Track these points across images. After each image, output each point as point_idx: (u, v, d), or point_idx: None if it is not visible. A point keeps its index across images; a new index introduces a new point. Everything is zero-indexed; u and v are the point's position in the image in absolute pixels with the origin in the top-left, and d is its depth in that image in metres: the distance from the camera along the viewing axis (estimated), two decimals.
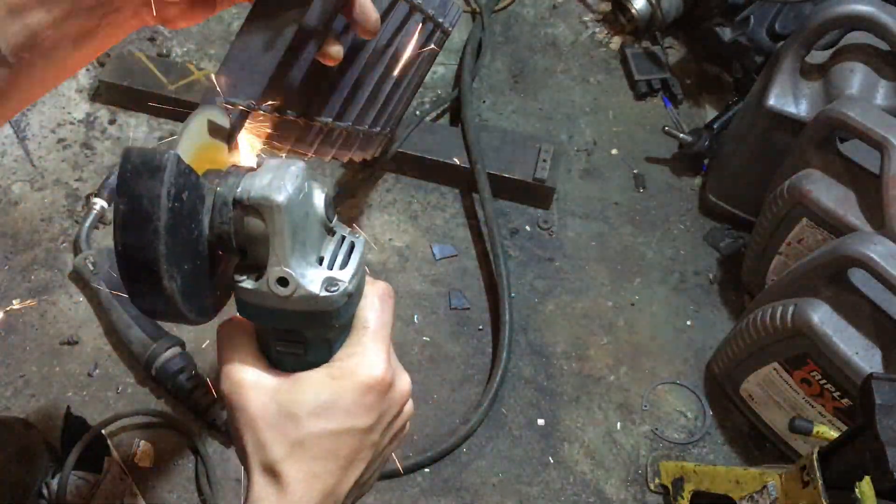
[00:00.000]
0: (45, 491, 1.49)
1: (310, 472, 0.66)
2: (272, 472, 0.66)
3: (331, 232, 0.68)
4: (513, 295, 1.82)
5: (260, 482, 0.66)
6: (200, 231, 0.62)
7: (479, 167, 1.90)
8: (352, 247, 0.69)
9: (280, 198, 0.61)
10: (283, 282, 0.63)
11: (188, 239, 0.60)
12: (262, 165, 0.65)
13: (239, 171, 0.65)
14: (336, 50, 0.90)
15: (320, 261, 0.66)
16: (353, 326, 0.72)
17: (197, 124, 0.71)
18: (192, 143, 0.69)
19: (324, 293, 0.64)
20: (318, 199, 0.66)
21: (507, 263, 1.83)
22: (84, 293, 1.80)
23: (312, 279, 0.65)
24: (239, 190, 0.62)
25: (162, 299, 0.60)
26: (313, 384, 0.67)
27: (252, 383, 0.68)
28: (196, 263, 0.62)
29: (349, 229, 0.70)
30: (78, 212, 1.91)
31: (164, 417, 1.63)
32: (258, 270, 0.65)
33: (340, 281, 0.65)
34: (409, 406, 0.77)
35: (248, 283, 0.65)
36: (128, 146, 0.61)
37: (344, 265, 0.67)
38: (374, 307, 0.71)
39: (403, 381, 0.74)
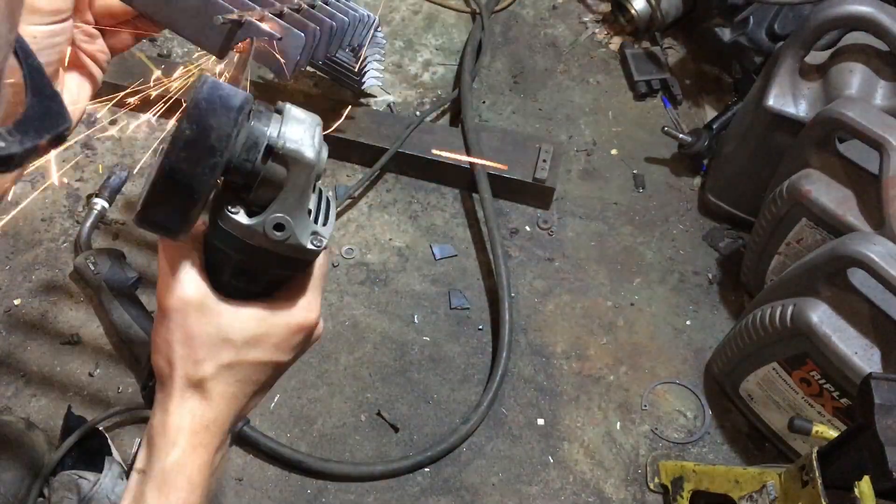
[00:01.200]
0: (45, 490, 1.49)
1: (232, 393, 0.72)
2: (199, 387, 0.71)
3: (315, 186, 0.72)
4: (513, 295, 1.82)
5: (183, 394, 0.71)
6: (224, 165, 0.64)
7: (478, 168, 1.90)
8: (328, 203, 0.73)
9: (311, 155, 0.65)
10: (280, 227, 0.66)
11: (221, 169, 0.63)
12: (284, 112, 0.67)
13: (269, 112, 0.67)
14: None
15: (308, 213, 0.70)
16: None
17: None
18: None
19: (310, 245, 0.69)
20: (324, 155, 0.69)
21: (507, 263, 1.83)
22: (85, 293, 1.80)
23: (303, 231, 0.68)
24: (271, 135, 0.64)
25: (179, 220, 0.63)
26: (253, 316, 0.72)
27: (198, 303, 0.70)
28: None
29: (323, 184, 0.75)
30: (79, 212, 1.91)
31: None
32: (253, 207, 0.67)
33: (322, 236, 0.70)
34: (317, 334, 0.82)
35: (241, 217, 0.67)
36: (204, 74, 0.62)
37: (325, 221, 0.71)
38: (320, 259, 0.76)
39: (322, 326, 0.80)
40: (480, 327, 1.82)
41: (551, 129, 2.16)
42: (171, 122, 0.62)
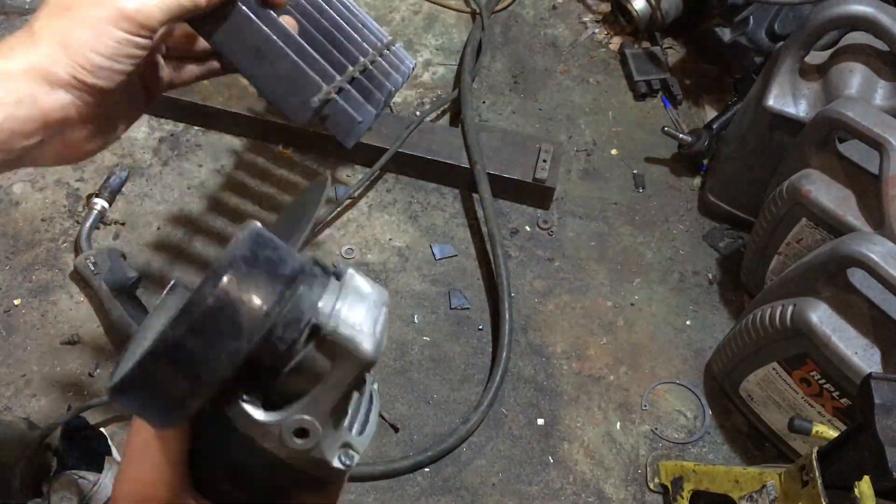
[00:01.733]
0: (45, 489, 1.49)
1: None
2: None
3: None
4: (513, 295, 1.82)
5: None
6: None
7: (478, 167, 1.90)
8: (370, 402, 0.57)
9: (368, 349, 0.48)
10: (303, 433, 0.50)
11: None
12: (344, 281, 0.51)
13: (324, 277, 0.51)
14: None
15: (344, 417, 0.53)
16: None
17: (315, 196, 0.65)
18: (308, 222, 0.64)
19: (336, 463, 0.51)
20: (384, 345, 0.52)
21: (507, 264, 1.83)
22: (85, 293, 1.80)
23: (332, 443, 0.51)
24: (322, 311, 0.49)
25: (169, 412, 0.47)
26: None
27: None
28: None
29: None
30: (79, 212, 1.91)
31: None
32: (274, 398, 0.50)
33: (355, 451, 0.53)
34: None
35: (255, 411, 0.49)
36: (255, 224, 0.48)
37: (362, 428, 0.54)
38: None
39: None
40: (480, 327, 1.82)
41: (551, 129, 2.16)
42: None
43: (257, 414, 0.49)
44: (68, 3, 0.64)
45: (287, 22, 0.78)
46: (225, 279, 0.45)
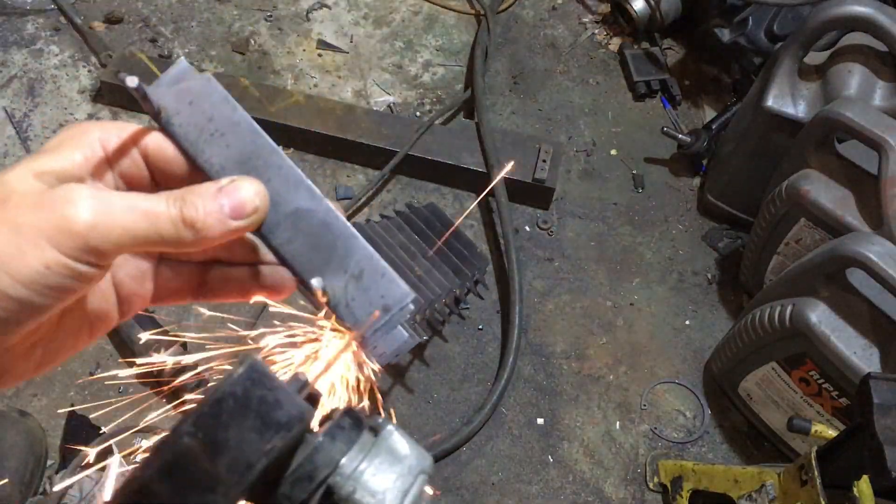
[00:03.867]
0: (47, 487, 1.49)
1: None
2: None
3: None
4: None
5: None
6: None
7: (496, 171, 1.89)
8: None
9: None
10: None
11: None
12: (381, 435, 0.46)
13: (354, 431, 0.45)
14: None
15: None
16: None
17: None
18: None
19: None
20: None
21: (520, 267, 1.82)
22: None
23: None
24: (340, 471, 0.43)
25: None
26: None
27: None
28: None
29: None
30: None
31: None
32: None
33: None
34: None
35: None
36: (255, 358, 0.42)
37: None
38: None
39: None
40: (480, 327, 1.82)
41: (551, 130, 2.16)
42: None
43: None
44: (8, 192, 0.46)
45: None
46: (207, 418, 0.39)
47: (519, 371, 1.77)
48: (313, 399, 0.46)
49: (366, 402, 0.56)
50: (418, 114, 2.13)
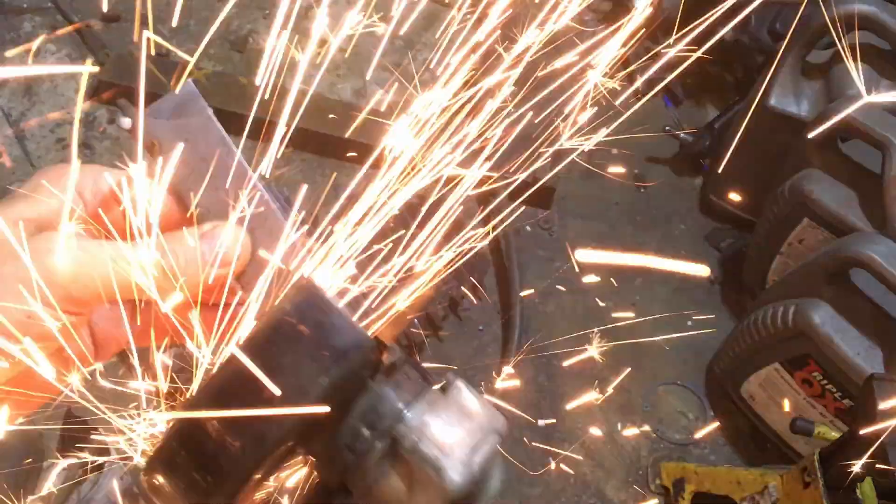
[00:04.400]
0: (44, 489, 1.48)
1: None
2: None
3: None
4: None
5: None
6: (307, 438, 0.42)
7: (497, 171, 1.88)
8: None
9: (458, 481, 0.40)
10: None
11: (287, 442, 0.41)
12: (449, 390, 0.43)
13: (421, 383, 0.43)
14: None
15: None
16: None
17: None
18: None
19: None
20: (494, 489, 0.44)
21: (521, 268, 1.81)
22: None
23: None
24: (406, 421, 0.41)
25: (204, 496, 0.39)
26: None
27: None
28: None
29: None
30: None
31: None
32: None
33: None
34: None
35: None
36: (311, 280, 0.42)
37: None
38: None
39: None
40: (481, 328, 1.81)
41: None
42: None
43: None
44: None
45: None
46: (261, 344, 0.38)
47: (520, 372, 1.76)
48: (377, 342, 0.43)
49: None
50: None
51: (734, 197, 1.93)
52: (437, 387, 0.43)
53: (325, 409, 0.38)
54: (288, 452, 0.41)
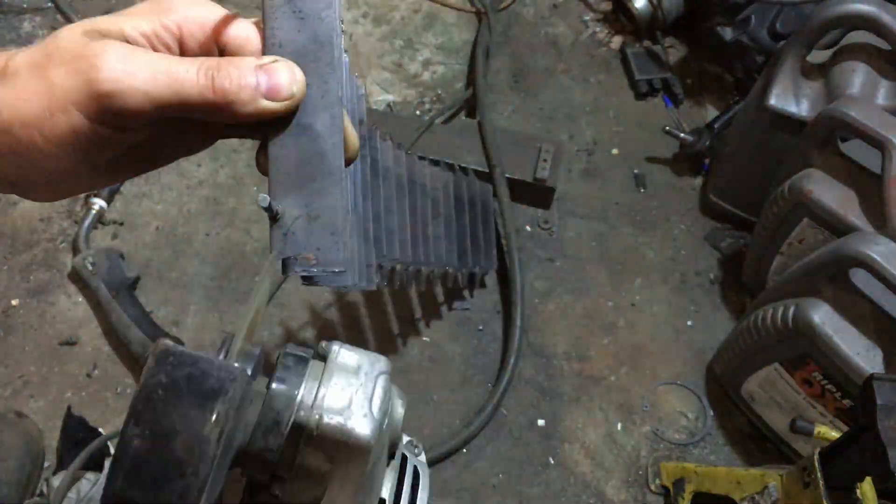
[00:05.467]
0: (45, 489, 1.48)
1: None
2: None
3: (393, 454, 0.52)
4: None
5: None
6: (229, 460, 0.43)
7: (498, 171, 1.88)
8: (415, 475, 0.51)
9: (366, 433, 0.43)
10: None
11: (217, 481, 0.41)
12: (330, 357, 0.46)
13: (300, 364, 0.46)
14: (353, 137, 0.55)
15: None
16: None
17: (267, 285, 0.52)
18: (259, 307, 0.49)
19: None
20: (399, 416, 0.49)
21: (521, 268, 1.80)
22: (83, 293, 1.79)
23: None
24: (301, 405, 0.44)
25: None
26: None
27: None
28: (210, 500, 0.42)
29: (406, 437, 0.51)
30: (77, 212, 1.91)
31: None
32: None
33: None
34: None
35: None
36: (164, 343, 0.42)
37: None
38: None
39: None
40: (481, 328, 1.81)
41: (552, 129, 2.15)
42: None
43: None
44: (54, 46, 0.47)
45: None
46: (145, 414, 0.39)
47: (520, 372, 1.76)
48: (249, 354, 0.45)
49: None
50: (418, 112, 2.12)
51: (734, 197, 1.93)
52: (315, 360, 0.46)
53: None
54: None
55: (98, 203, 1.86)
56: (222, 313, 1.79)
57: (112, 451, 1.55)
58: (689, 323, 1.85)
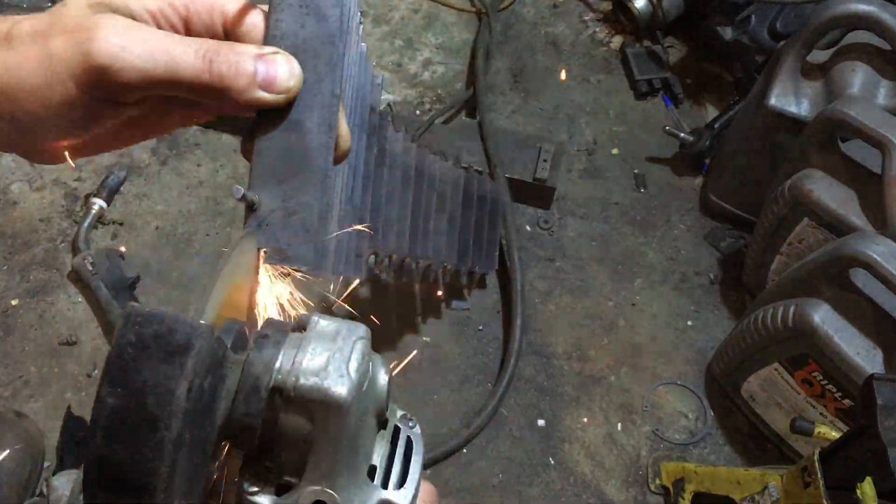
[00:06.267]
0: (45, 489, 1.48)
1: None
2: None
3: (384, 423, 0.52)
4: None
5: None
6: (213, 426, 0.44)
7: (498, 171, 1.88)
8: (409, 445, 0.53)
9: (342, 392, 0.44)
10: None
11: (198, 441, 0.42)
12: (309, 327, 0.47)
13: (279, 333, 0.47)
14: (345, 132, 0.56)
15: (371, 472, 0.49)
16: None
17: (243, 258, 0.51)
18: (227, 285, 0.49)
19: None
20: (382, 382, 0.49)
21: (521, 268, 1.80)
22: (83, 293, 1.79)
23: None
24: (279, 370, 0.45)
25: None
26: None
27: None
28: (197, 470, 0.43)
29: (400, 411, 0.53)
30: (76, 212, 1.90)
31: None
32: (279, 478, 0.47)
33: None
34: None
35: (263, 500, 0.46)
36: (132, 305, 0.43)
37: (402, 480, 0.50)
38: None
39: None
40: (481, 328, 1.81)
41: (552, 129, 2.15)
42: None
43: (263, 501, 0.46)
44: (59, 16, 0.48)
45: None
46: (116, 372, 0.41)
47: (520, 372, 1.75)
48: (229, 326, 0.47)
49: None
50: (418, 112, 2.12)
51: (734, 197, 1.93)
52: (294, 329, 0.48)
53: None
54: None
55: (98, 203, 1.86)
56: None
57: None
58: (689, 323, 1.85)
